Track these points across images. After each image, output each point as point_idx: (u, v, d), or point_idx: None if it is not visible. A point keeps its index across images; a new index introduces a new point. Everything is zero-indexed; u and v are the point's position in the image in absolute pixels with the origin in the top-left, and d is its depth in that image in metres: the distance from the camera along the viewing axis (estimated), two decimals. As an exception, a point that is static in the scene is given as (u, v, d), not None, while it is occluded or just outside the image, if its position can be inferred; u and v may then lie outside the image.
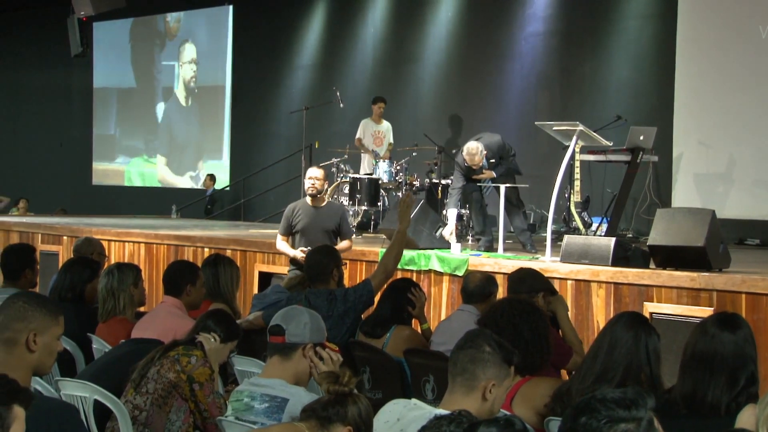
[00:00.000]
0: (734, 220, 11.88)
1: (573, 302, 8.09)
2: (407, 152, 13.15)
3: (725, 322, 4.05)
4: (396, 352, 5.83)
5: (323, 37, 18.24)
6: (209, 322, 4.99)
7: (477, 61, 15.79)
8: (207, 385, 4.69)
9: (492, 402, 3.65)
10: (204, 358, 4.76)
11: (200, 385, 4.67)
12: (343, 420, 3.50)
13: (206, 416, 4.65)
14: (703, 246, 7.51)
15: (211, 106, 20.60)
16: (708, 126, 12.89)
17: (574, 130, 9.24)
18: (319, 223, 8.98)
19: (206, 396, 4.67)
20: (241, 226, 15.38)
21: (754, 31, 12.42)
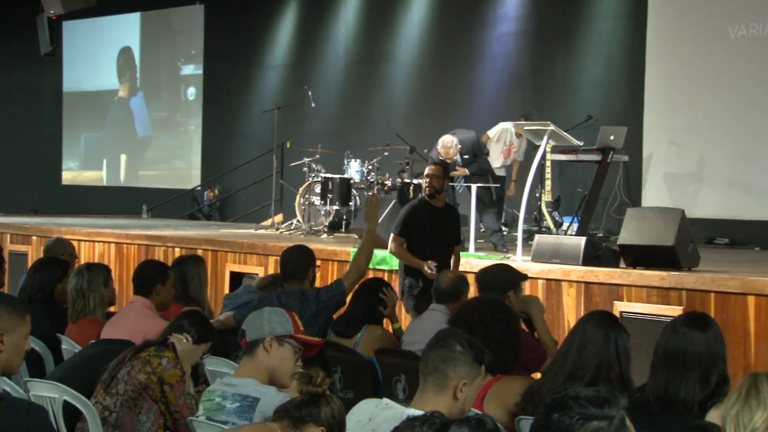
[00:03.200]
0: (704, 220, 11.95)
1: (544, 301, 8.09)
2: (379, 152, 13.15)
3: (695, 321, 4.08)
4: (367, 352, 5.83)
5: (295, 36, 18.21)
6: (184, 322, 4.96)
7: (449, 61, 15.81)
8: (178, 386, 4.67)
9: (463, 401, 3.66)
10: (175, 360, 4.74)
11: (171, 387, 4.65)
12: (316, 420, 3.49)
13: (177, 417, 4.63)
14: (673, 245, 7.55)
15: (182, 105, 20.52)
16: (678, 126, 12.97)
17: (545, 130, 9.27)
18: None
19: (177, 397, 4.65)
20: (212, 225, 15.34)
21: (723, 32, 12.51)
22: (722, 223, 12.33)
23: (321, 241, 11.35)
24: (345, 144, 14.22)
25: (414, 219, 8.10)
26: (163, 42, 21.09)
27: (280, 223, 13.95)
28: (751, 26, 12.29)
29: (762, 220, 12.05)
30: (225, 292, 10.12)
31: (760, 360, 6.88)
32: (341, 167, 12.93)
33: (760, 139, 12.24)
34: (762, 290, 6.94)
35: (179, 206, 18.70)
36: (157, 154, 21.07)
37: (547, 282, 8.16)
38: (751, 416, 3.23)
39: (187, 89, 20.50)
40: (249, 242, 10.82)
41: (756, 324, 6.95)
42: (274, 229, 13.35)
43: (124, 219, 16.30)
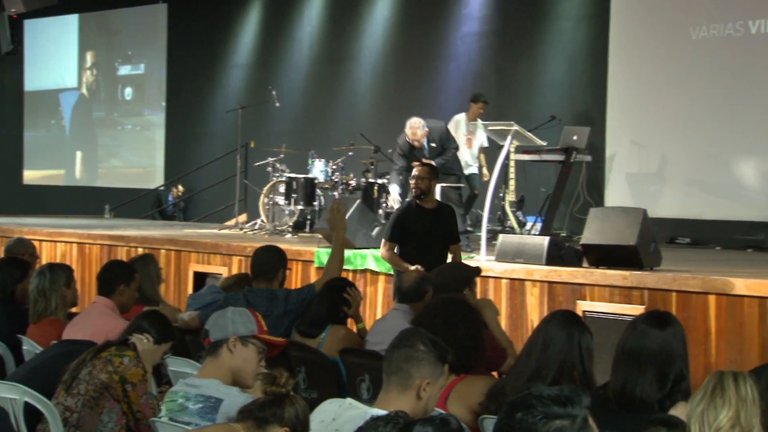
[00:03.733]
0: (665, 219, 12.04)
1: (507, 301, 8.15)
2: (343, 152, 13.14)
3: (655, 319, 4.11)
4: (331, 352, 5.83)
5: (259, 35, 18.16)
6: (143, 323, 4.94)
7: (413, 61, 15.83)
8: (140, 385, 4.64)
9: (426, 401, 3.66)
10: (137, 359, 4.71)
11: (133, 386, 4.62)
12: (280, 421, 3.49)
13: (139, 417, 4.60)
14: (635, 245, 7.60)
15: (145, 104, 20.44)
16: (640, 126, 13.05)
17: (509, 130, 9.30)
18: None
19: (139, 397, 4.62)
20: (176, 225, 15.28)
21: (684, 33, 12.60)
22: (684, 223, 12.43)
23: (285, 241, 11.33)
24: (309, 144, 14.20)
25: (403, 223, 7.93)
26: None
27: (244, 223, 13.91)
28: (711, 27, 12.40)
29: (723, 220, 12.15)
30: (189, 292, 10.08)
31: (720, 358, 6.94)
32: (305, 167, 12.91)
33: (721, 139, 12.34)
34: (723, 289, 7.00)
35: (142, 206, 18.62)
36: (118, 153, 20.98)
37: (511, 281, 8.19)
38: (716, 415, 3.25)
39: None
40: (213, 242, 10.78)
41: (717, 323, 7.01)
42: (238, 229, 13.31)
43: (86, 219, 16.19)
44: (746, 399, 3.27)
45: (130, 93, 20.74)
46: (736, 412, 3.25)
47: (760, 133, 12.00)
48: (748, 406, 3.26)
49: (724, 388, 3.28)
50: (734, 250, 11.51)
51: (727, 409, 3.25)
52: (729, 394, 3.27)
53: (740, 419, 3.24)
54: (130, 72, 20.70)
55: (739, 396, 3.27)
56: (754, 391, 3.29)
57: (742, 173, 12.19)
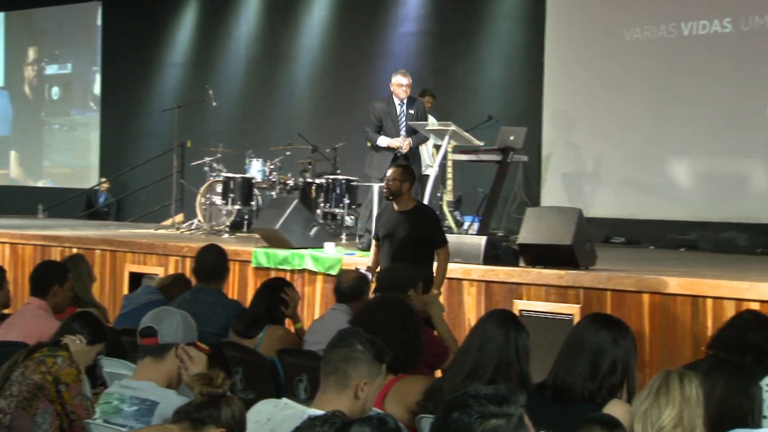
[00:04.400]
0: (601, 219, 12.16)
1: (445, 300, 8.16)
2: (281, 151, 13.10)
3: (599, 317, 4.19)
4: (269, 352, 5.81)
5: (195, 34, 18.05)
6: (75, 324, 4.89)
7: (351, 60, 15.83)
8: (74, 385, 4.59)
9: (364, 400, 3.66)
10: (70, 359, 4.66)
11: (66, 386, 4.57)
12: (216, 422, 3.47)
13: (73, 418, 4.55)
14: (571, 244, 7.67)
15: (72, 104, 20.22)
16: (575, 126, 13.18)
17: (446, 130, 9.33)
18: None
19: (73, 397, 4.57)
20: (111, 225, 15.12)
21: (618, 34, 12.75)
22: (619, 223, 12.57)
23: (222, 241, 11.27)
24: (246, 143, 14.14)
25: (379, 223, 7.76)
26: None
27: (180, 223, 13.82)
28: (645, 29, 12.55)
29: (657, 220, 12.31)
30: (124, 292, 10.00)
31: (654, 356, 7.03)
32: (243, 167, 12.85)
33: (655, 139, 12.50)
34: (656, 288, 7.09)
35: (76, 206, 18.41)
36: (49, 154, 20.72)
37: (448, 281, 8.21)
38: (659, 414, 3.28)
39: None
40: (149, 242, 10.69)
41: (650, 321, 7.10)
42: (174, 229, 13.21)
43: (19, 219, 15.96)
44: (690, 399, 3.29)
45: (57, 92, 20.51)
46: (680, 412, 3.27)
47: (692, 133, 12.17)
48: (692, 407, 3.29)
49: (669, 388, 3.30)
50: (668, 249, 11.66)
51: (670, 408, 3.27)
52: (674, 393, 3.29)
53: (683, 419, 3.27)
54: (57, 71, 20.46)
55: (684, 396, 3.29)
56: (698, 392, 3.32)
57: (675, 173, 12.36)
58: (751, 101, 11.64)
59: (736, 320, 4.79)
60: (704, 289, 6.89)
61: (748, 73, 11.71)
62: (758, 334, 4.57)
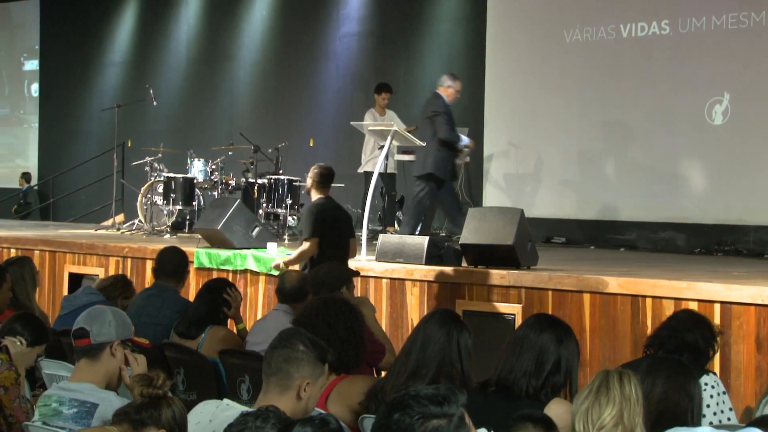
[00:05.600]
0: (542, 219, 12.25)
1: (388, 300, 8.18)
2: (222, 151, 13.03)
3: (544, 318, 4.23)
4: (211, 353, 5.78)
5: (135, 33, 17.90)
6: (16, 325, 4.84)
7: (292, 61, 15.80)
8: (12, 389, 4.54)
9: (307, 401, 3.66)
10: (9, 362, 4.61)
11: (5, 390, 4.52)
12: (156, 423, 3.45)
13: (12, 422, 4.50)
14: (512, 244, 7.71)
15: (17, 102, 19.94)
16: (517, 127, 13.26)
17: (388, 131, 9.34)
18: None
19: (11, 400, 4.52)
20: (50, 226, 14.93)
21: (560, 36, 12.85)
22: (559, 223, 12.67)
23: (164, 241, 11.18)
24: (188, 143, 14.07)
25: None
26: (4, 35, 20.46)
27: (121, 223, 13.69)
28: (585, 30, 12.66)
29: (597, 220, 12.42)
30: (64, 293, 9.89)
31: (594, 355, 7.09)
32: (184, 167, 12.77)
33: (594, 140, 12.62)
34: (596, 288, 7.15)
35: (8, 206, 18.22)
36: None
37: (391, 281, 8.23)
38: (600, 413, 3.31)
39: (30, 85, 19.92)
40: (89, 242, 10.58)
41: (591, 320, 7.16)
42: (115, 229, 13.09)
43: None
44: (630, 398, 3.33)
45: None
46: (620, 410, 3.31)
47: (631, 134, 12.30)
48: (632, 406, 3.33)
49: (609, 387, 3.34)
50: (608, 249, 11.78)
51: (611, 407, 3.31)
52: (614, 392, 3.33)
53: (623, 418, 3.31)
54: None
55: (624, 395, 3.33)
56: (638, 391, 3.36)
57: (614, 174, 12.48)
58: (690, 102, 11.79)
59: (672, 320, 4.85)
60: (644, 288, 6.96)
61: (686, 74, 11.86)
62: (694, 334, 4.64)
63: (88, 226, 13.98)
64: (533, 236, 8.25)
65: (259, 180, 11.95)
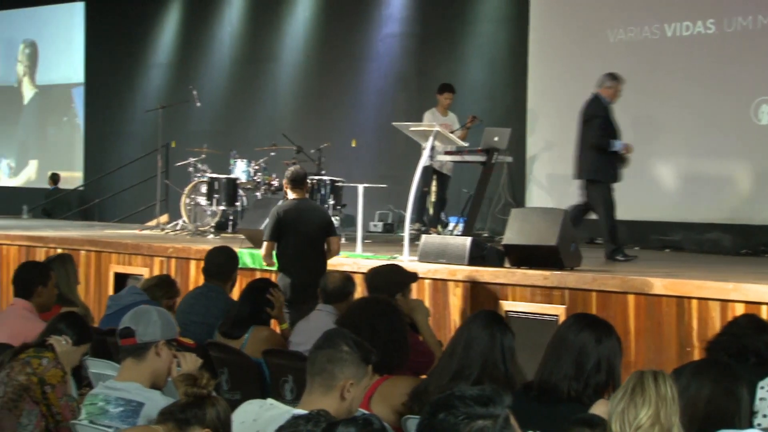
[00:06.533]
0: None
1: (431, 301, 8.17)
2: (265, 152, 13.08)
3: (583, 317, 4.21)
4: (254, 353, 5.80)
5: (179, 35, 18.01)
6: (61, 324, 4.88)
7: (334, 61, 15.82)
8: (59, 387, 4.58)
9: (350, 401, 3.67)
10: (56, 360, 4.65)
11: (52, 387, 4.56)
12: (201, 422, 3.47)
13: (59, 419, 4.54)
14: (556, 245, 7.68)
15: (63, 104, 20.13)
16: (559, 127, 13.17)
17: (431, 131, 9.32)
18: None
19: (58, 398, 4.56)
20: (96, 226, 15.07)
21: (602, 36, 12.78)
22: (603, 223, 12.56)
23: (207, 241, 11.24)
24: (231, 144, 14.12)
25: None
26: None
27: (165, 223, 13.78)
28: (629, 30, 12.58)
29: (641, 220, 12.33)
30: (109, 293, 9.97)
31: (640, 357, 7.04)
32: (227, 167, 12.83)
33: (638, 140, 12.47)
34: (641, 289, 7.10)
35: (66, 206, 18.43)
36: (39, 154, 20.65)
37: (434, 282, 8.22)
38: (636, 413, 3.29)
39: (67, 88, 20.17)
40: (134, 243, 10.67)
41: (636, 322, 7.12)
42: (159, 229, 13.18)
43: (3, 219, 15.90)
44: (666, 397, 3.32)
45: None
46: (656, 410, 3.29)
47: (676, 134, 12.21)
48: (668, 405, 3.31)
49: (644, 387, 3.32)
50: (652, 250, 11.69)
51: (647, 407, 3.29)
52: (649, 393, 3.31)
53: (660, 417, 3.29)
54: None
55: (659, 395, 3.31)
56: (673, 390, 3.35)
57: (659, 174, 12.38)
58: (734, 102, 11.68)
59: (732, 325, 4.81)
60: (689, 290, 6.91)
61: (732, 73, 11.75)
62: (756, 339, 4.59)
63: (133, 227, 14.08)
64: (577, 237, 8.21)
65: (302, 181, 11.96)
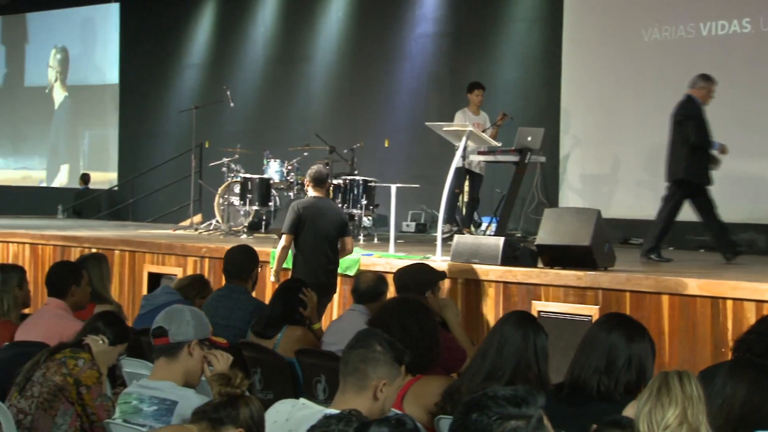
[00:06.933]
0: (619, 220, 12.12)
1: (463, 301, 8.16)
2: (298, 152, 13.11)
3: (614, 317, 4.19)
4: (287, 353, 5.82)
5: (213, 35, 18.09)
6: (99, 323, 4.90)
7: (368, 61, 15.83)
8: (94, 388, 4.61)
9: (383, 401, 3.67)
10: (92, 361, 4.68)
11: (87, 388, 4.59)
12: (234, 422, 3.48)
13: (94, 420, 4.57)
14: (589, 245, 7.65)
15: (97, 105, 20.27)
16: (593, 127, 13.14)
17: (463, 131, 9.31)
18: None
19: (93, 399, 4.59)
20: (129, 226, 15.16)
21: (636, 35, 12.71)
22: (637, 223, 12.50)
23: (241, 241, 11.27)
24: (264, 144, 14.16)
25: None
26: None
27: (198, 223, 13.85)
28: (663, 29, 12.51)
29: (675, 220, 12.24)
30: (143, 293, 10.02)
31: (674, 358, 7.00)
32: (261, 167, 12.87)
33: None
34: (675, 289, 7.07)
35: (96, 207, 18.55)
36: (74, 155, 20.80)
37: (466, 282, 8.21)
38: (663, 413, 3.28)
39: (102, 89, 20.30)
40: (167, 243, 10.72)
41: (670, 322, 7.08)
42: (192, 229, 13.24)
43: (38, 219, 16.03)
44: (692, 397, 3.30)
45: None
46: (683, 410, 3.28)
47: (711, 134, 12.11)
48: (695, 404, 3.30)
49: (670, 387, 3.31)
50: (687, 250, 11.61)
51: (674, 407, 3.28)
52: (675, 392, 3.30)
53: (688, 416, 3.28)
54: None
55: (685, 394, 3.30)
56: (699, 389, 3.33)
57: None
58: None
59: (761, 324, 4.78)
60: (724, 290, 6.86)
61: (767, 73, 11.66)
62: None
63: (167, 227, 14.16)
64: (610, 237, 8.17)
65: (334, 180, 11.99)
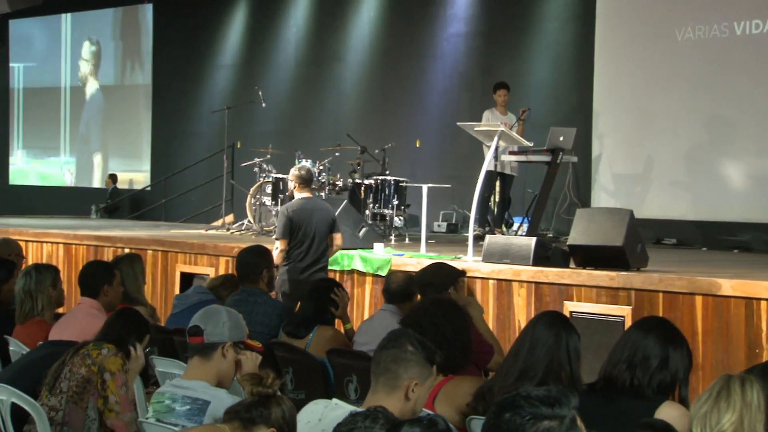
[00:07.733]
0: (652, 220, 12.06)
1: (495, 301, 8.15)
2: (330, 152, 13.12)
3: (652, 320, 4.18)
4: (319, 353, 5.83)
5: (245, 36, 18.14)
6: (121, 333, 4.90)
7: (399, 61, 15.83)
8: (119, 375, 4.63)
9: (415, 401, 3.66)
10: (116, 350, 4.70)
11: (112, 375, 4.61)
12: (266, 422, 3.48)
13: (117, 410, 4.59)
14: (622, 246, 7.61)
15: (130, 105, 20.37)
16: (626, 127, 13.07)
17: (495, 131, 9.30)
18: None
19: (118, 387, 4.61)
20: (162, 226, 15.23)
21: (670, 34, 12.63)
22: (670, 224, 12.45)
23: (272, 241, 11.30)
24: (296, 144, 14.19)
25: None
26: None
27: (230, 223, 13.89)
28: (697, 29, 12.43)
29: (708, 221, 12.18)
30: (175, 292, 10.07)
31: (707, 359, 6.96)
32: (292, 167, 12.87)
33: (706, 139, 12.38)
34: (709, 290, 7.02)
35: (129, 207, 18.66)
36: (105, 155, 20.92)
37: (498, 282, 8.19)
38: (719, 418, 3.24)
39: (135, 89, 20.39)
40: (199, 242, 10.76)
41: (703, 323, 7.03)
42: (224, 229, 13.29)
43: (72, 219, 16.15)
44: (751, 404, 3.25)
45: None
46: (740, 416, 3.23)
47: (744, 134, 12.04)
48: (753, 412, 3.24)
49: (730, 392, 3.26)
50: (720, 250, 11.53)
51: (731, 413, 3.23)
52: (734, 398, 3.25)
53: (743, 424, 3.22)
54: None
55: (744, 401, 3.24)
56: (760, 397, 3.27)
57: (727, 174, 12.22)
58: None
59: None
60: (758, 291, 6.81)
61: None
62: None
63: (199, 227, 14.21)
64: (643, 237, 8.13)
65: (365, 181, 12.00)
